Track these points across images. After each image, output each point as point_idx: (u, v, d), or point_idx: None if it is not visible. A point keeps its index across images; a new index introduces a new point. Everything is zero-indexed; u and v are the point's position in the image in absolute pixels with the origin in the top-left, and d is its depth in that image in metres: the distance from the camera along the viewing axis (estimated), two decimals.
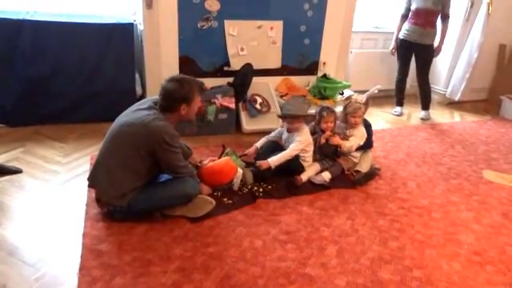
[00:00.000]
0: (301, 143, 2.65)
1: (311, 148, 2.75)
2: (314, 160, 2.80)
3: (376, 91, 3.08)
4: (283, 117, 2.74)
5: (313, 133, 2.80)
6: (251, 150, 2.78)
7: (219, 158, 2.55)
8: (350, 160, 2.85)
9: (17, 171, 2.57)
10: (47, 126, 3.23)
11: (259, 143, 2.81)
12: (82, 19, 3.20)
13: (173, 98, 2.10)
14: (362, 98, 2.87)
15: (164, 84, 2.13)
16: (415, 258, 2.08)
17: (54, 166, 2.69)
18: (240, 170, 2.50)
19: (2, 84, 3.06)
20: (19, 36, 3.00)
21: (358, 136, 2.80)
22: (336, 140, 2.74)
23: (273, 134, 2.88)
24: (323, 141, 2.73)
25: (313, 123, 2.84)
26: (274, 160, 2.58)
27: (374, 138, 3.05)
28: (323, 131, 2.77)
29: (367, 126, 2.92)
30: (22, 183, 2.47)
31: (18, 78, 3.08)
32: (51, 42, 3.08)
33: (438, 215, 2.50)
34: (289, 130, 2.74)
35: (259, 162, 2.58)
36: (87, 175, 2.24)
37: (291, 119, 2.66)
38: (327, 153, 2.79)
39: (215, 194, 2.42)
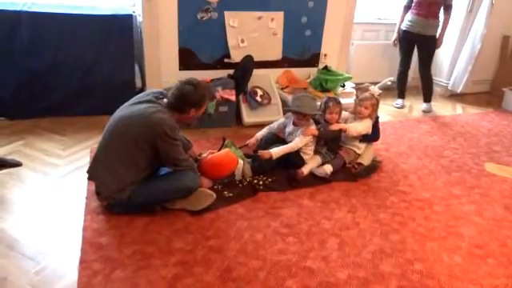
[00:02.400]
0: (305, 138, 2.64)
1: (314, 142, 2.74)
2: (316, 153, 2.78)
3: (389, 83, 3.04)
4: (292, 111, 2.72)
5: (317, 123, 2.78)
6: (252, 140, 2.76)
7: (219, 150, 2.53)
8: (351, 152, 2.83)
9: (17, 164, 2.55)
10: (47, 118, 3.21)
11: (260, 134, 2.79)
12: (80, 11, 3.16)
13: (186, 101, 2.11)
14: (379, 91, 2.82)
15: (180, 85, 2.13)
16: (416, 251, 2.07)
17: (53, 159, 2.68)
18: (240, 161, 2.49)
19: (0, 77, 3.03)
20: (17, 28, 2.97)
21: (361, 125, 2.77)
22: (335, 126, 2.72)
23: (275, 125, 2.85)
24: (311, 133, 2.67)
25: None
26: (277, 151, 2.57)
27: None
28: (327, 122, 2.75)
29: (375, 117, 2.89)
30: (21, 176, 2.46)
31: (16, 70, 3.05)
32: (49, 33, 3.05)
33: (439, 208, 2.49)
34: (295, 124, 2.73)
35: (261, 152, 2.57)
36: (87, 168, 2.23)
37: (300, 115, 2.65)
38: (331, 138, 2.77)
39: (215, 187, 2.41)
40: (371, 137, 2.86)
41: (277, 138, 2.80)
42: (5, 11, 2.94)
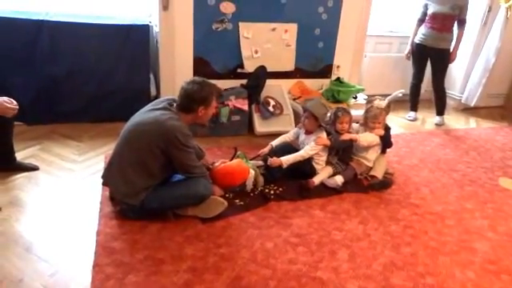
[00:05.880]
0: (316, 147, 2.65)
1: (326, 152, 2.75)
2: (327, 163, 2.79)
3: (400, 95, 3.05)
4: (303, 109, 2.80)
5: (328, 133, 2.79)
6: (265, 149, 2.77)
7: (231, 160, 2.56)
8: (363, 164, 2.83)
9: (33, 168, 2.62)
10: (63, 124, 3.29)
11: (275, 142, 2.82)
12: (98, 20, 3.25)
13: (192, 99, 2.14)
14: (384, 103, 2.83)
15: (185, 85, 2.17)
16: (428, 265, 2.05)
17: (69, 164, 2.74)
18: (252, 171, 2.51)
19: (20, 83, 3.12)
20: (38, 36, 3.06)
21: (372, 135, 2.77)
22: (346, 135, 2.74)
23: (289, 134, 2.88)
24: (322, 142, 2.69)
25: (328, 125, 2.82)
26: (287, 159, 2.59)
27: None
28: (338, 132, 2.76)
29: (386, 129, 2.89)
30: (38, 180, 2.52)
31: (36, 77, 3.14)
32: (69, 42, 3.14)
33: (451, 222, 2.46)
34: (306, 132, 2.75)
35: (271, 160, 2.59)
36: (101, 173, 2.27)
37: (307, 114, 2.70)
38: (342, 148, 2.78)
39: (227, 195, 2.43)
40: (385, 144, 2.87)
41: (292, 148, 2.81)
42: (27, 20, 3.05)
